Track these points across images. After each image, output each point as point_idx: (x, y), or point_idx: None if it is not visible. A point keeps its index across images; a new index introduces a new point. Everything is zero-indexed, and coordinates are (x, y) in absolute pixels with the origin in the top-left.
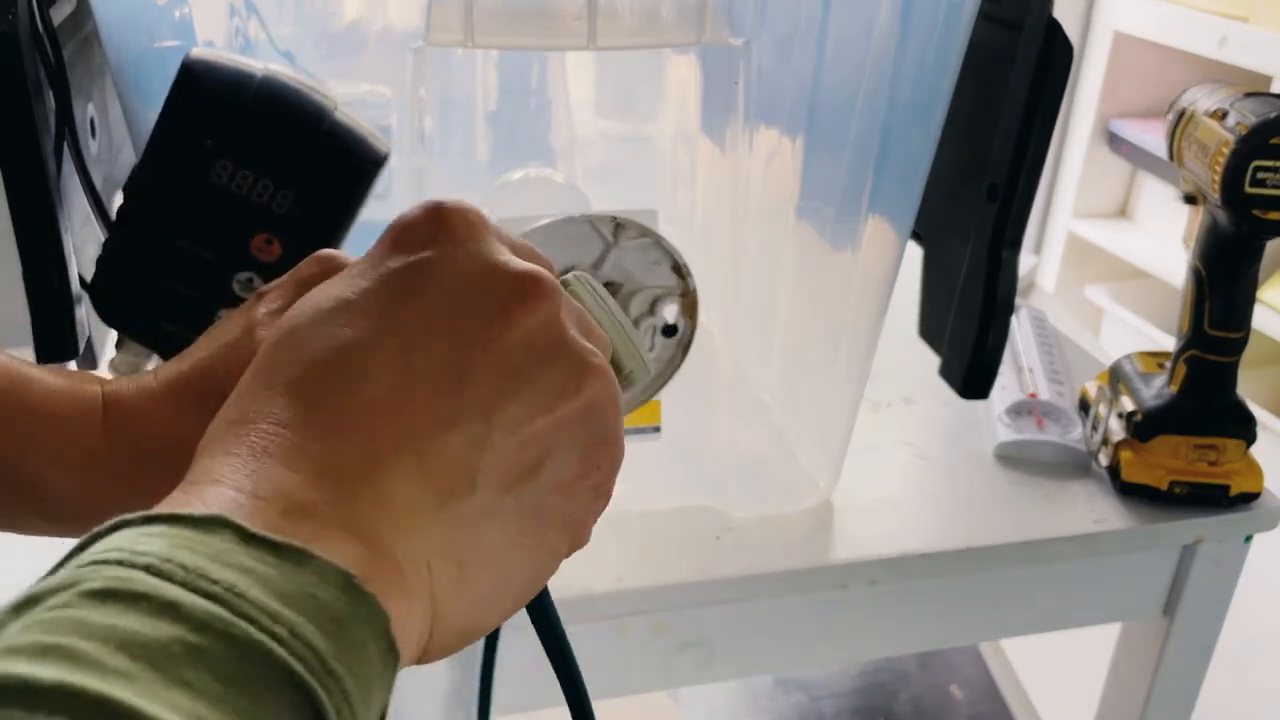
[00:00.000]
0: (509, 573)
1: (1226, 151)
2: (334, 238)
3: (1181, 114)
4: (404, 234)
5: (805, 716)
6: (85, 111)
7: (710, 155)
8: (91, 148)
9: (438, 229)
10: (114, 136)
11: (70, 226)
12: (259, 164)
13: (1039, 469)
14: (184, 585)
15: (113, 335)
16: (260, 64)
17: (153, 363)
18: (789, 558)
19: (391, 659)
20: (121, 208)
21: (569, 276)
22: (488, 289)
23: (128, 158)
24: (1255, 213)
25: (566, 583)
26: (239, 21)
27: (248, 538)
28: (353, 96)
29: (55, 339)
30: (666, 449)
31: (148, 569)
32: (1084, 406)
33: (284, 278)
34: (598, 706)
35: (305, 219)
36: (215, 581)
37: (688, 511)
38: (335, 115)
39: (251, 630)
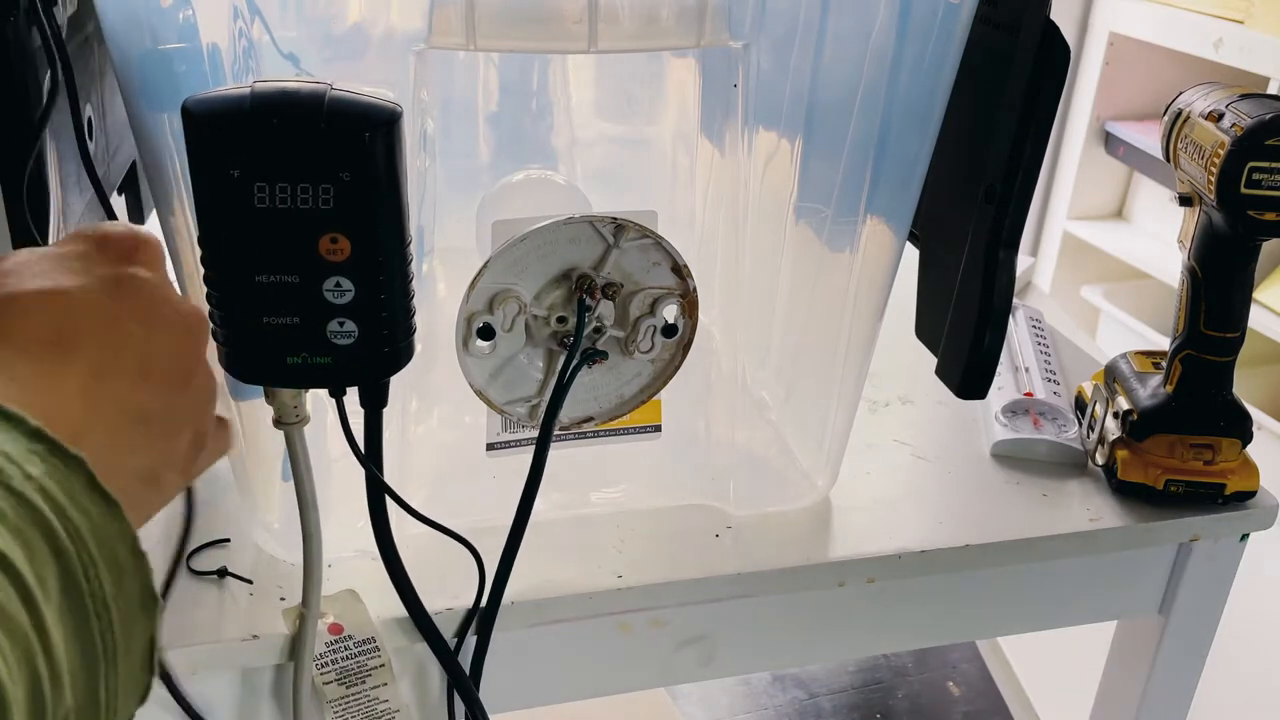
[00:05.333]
0: None
1: (1222, 153)
2: (393, 211)
3: (1177, 115)
4: (106, 244)
5: (803, 713)
6: (83, 113)
7: (710, 157)
8: (89, 148)
9: (136, 249)
10: (111, 138)
11: (65, 226)
12: (286, 170)
13: (1035, 468)
14: None
15: None
16: (248, 82)
17: (307, 398)
18: (787, 556)
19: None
20: (205, 277)
21: None
22: (172, 321)
23: (124, 158)
24: (1251, 214)
25: (567, 580)
26: (242, 24)
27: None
28: None
29: None
30: (666, 448)
31: None
32: (1080, 406)
33: None
34: (598, 704)
35: (354, 204)
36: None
37: (687, 510)
38: (332, 93)
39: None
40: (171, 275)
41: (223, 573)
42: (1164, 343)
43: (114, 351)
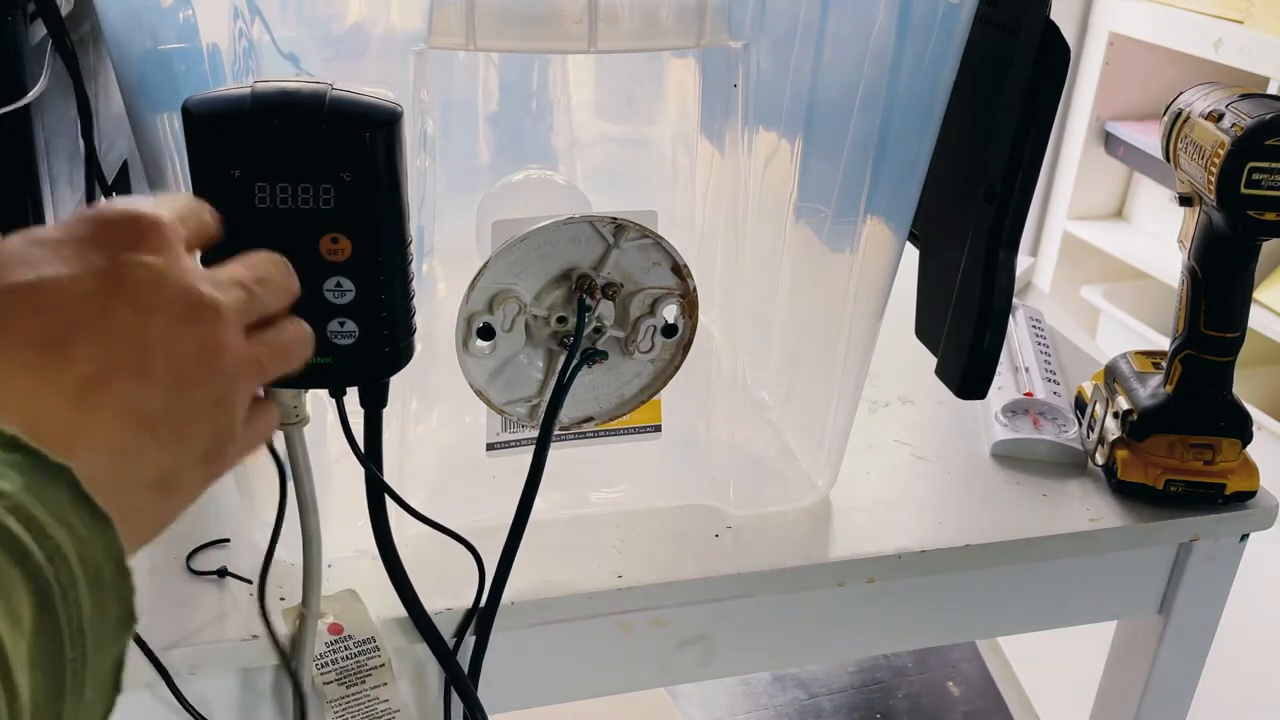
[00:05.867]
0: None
1: (1222, 153)
2: (393, 211)
3: (1177, 116)
4: (105, 228)
5: (803, 713)
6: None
7: (710, 157)
8: (81, 146)
9: (138, 233)
10: (104, 136)
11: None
12: (286, 170)
13: (1035, 468)
14: None
15: None
16: (248, 82)
17: (307, 398)
18: (787, 556)
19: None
20: None
21: None
22: (175, 311)
23: (116, 156)
24: (1251, 214)
25: (568, 580)
26: (242, 24)
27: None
28: None
29: None
30: (666, 448)
31: None
32: (1080, 406)
33: None
34: (598, 704)
35: (354, 204)
36: None
37: (687, 510)
38: (332, 94)
39: None
40: None
41: (223, 573)
42: (1164, 343)
43: (109, 349)
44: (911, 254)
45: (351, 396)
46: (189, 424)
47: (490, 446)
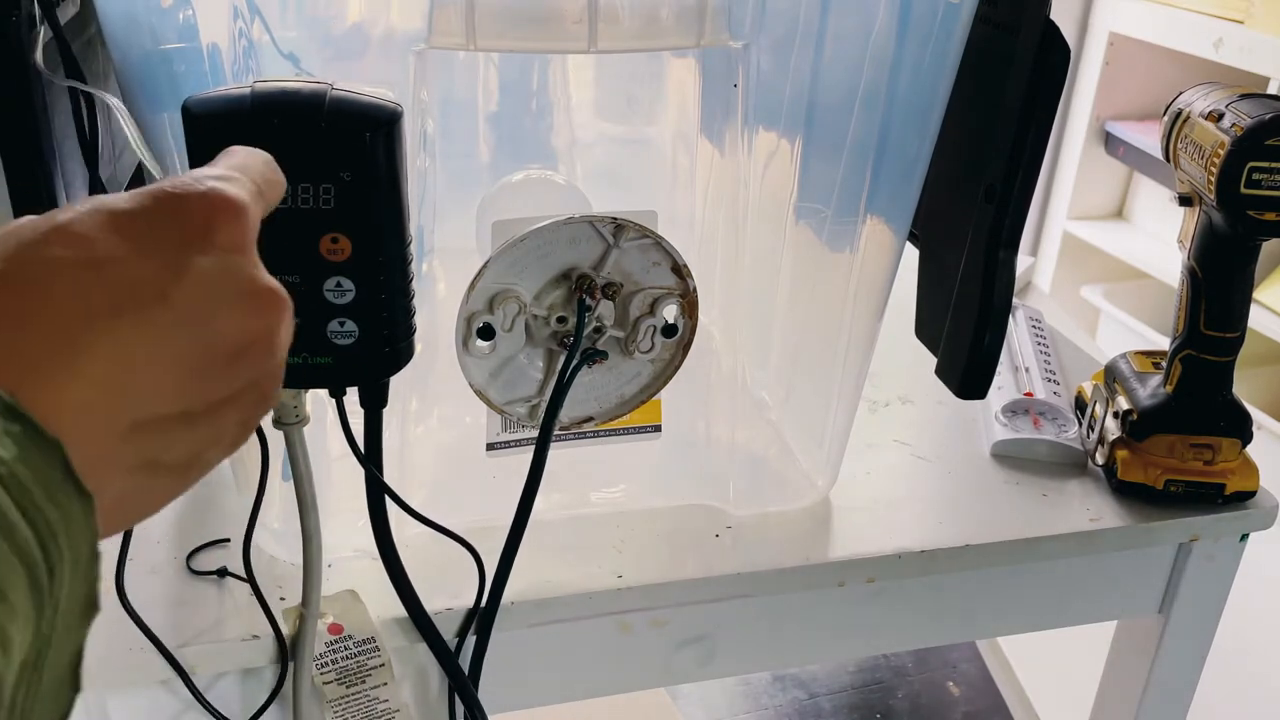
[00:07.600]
0: None
1: (1222, 153)
2: (393, 211)
3: (1177, 115)
4: (181, 214)
5: (803, 713)
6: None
7: (710, 157)
8: (98, 145)
9: (213, 224)
10: (116, 139)
11: None
12: (286, 170)
13: (1035, 468)
14: None
15: None
16: (248, 82)
17: (307, 398)
18: (787, 556)
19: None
20: None
21: None
22: (239, 304)
23: (131, 159)
24: (1251, 214)
25: (567, 580)
26: (242, 24)
27: None
28: None
29: None
30: (666, 448)
31: None
32: (1080, 405)
33: None
34: (598, 704)
35: (354, 204)
36: None
37: (687, 510)
38: (333, 93)
39: None
40: None
41: (223, 573)
42: (1164, 343)
43: (156, 342)
44: (911, 254)
45: (351, 396)
46: (226, 408)
47: (490, 446)
